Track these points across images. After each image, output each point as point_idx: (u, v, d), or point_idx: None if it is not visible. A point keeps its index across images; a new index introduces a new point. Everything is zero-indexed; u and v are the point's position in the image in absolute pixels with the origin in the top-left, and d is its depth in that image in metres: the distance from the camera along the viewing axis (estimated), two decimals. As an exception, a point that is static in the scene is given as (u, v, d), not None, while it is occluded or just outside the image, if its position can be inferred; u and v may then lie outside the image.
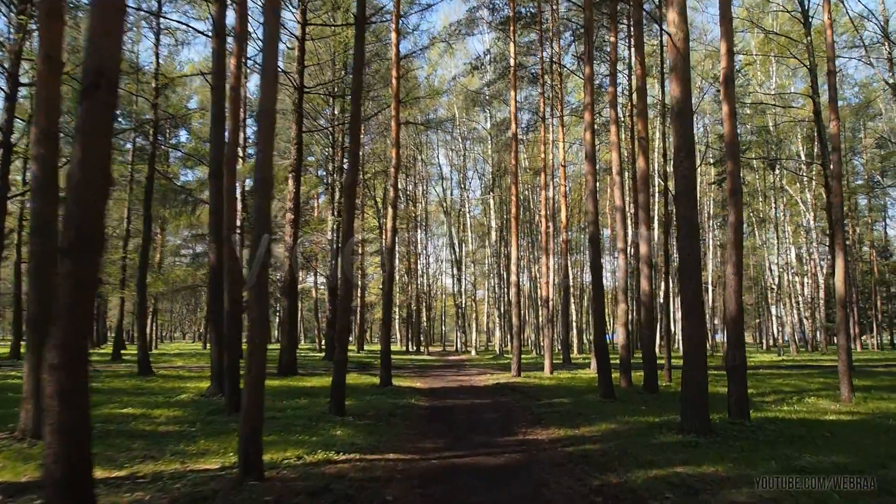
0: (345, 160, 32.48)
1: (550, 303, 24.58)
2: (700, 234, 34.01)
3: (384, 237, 18.53)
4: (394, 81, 18.43)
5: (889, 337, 57.79)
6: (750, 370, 26.63)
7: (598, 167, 24.82)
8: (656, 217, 32.01)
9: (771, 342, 59.15)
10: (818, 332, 46.01)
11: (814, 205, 46.25)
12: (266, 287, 7.11)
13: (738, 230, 10.59)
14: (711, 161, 30.93)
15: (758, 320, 68.18)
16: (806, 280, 46.73)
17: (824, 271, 48.46)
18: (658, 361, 18.44)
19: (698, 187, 29.86)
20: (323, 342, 41.33)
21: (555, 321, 27.88)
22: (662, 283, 29.99)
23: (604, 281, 16.68)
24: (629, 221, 24.36)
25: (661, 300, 30.86)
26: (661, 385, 16.97)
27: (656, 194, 32.97)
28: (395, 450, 8.69)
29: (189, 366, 26.17)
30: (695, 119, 24.30)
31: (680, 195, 9.54)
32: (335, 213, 31.62)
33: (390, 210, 18.12)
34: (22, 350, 22.66)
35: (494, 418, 12.02)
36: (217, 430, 9.82)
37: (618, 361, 17.90)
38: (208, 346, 50.37)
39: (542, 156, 24.82)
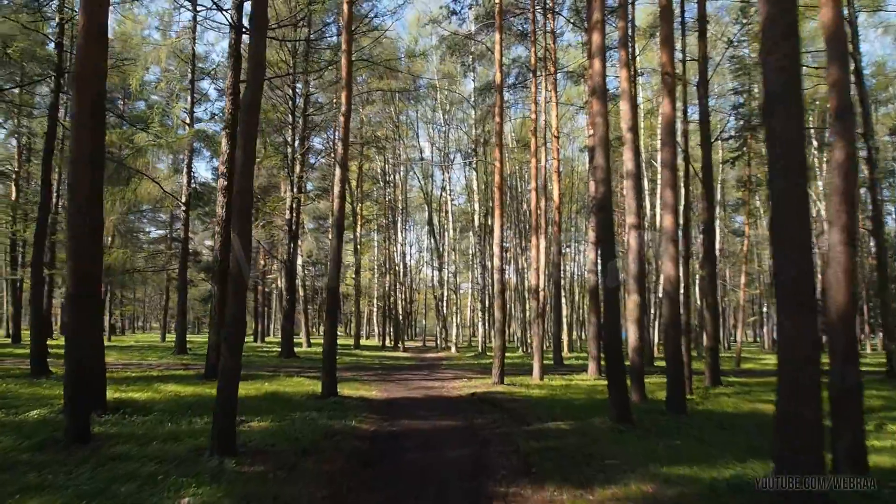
0: (308, 129, 28.44)
1: (541, 294, 20.61)
2: (714, 221, 29.16)
3: (332, 204, 14.51)
4: (345, 7, 14.36)
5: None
6: (774, 376, 22.96)
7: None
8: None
9: (770, 342, 55.76)
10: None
11: (824, 194, 42.63)
12: None
13: (851, 173, 6.62)
14: (725, 136, 27.09)
15: (753, 318, 64.83)
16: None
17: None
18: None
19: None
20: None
21: (545, 316, 23.93)
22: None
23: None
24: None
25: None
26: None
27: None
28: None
29: (117, 363, 22.03)
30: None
31: (774, 99, 5.60)
32: (293, 189, 27.47)
33: (338, 171, 14.03)
34: None
35: (461, 460, 8.03)
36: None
37: (627, 364, 14.01)
38: (167, 337, 46.58)
39: (533, 116, 20.80)
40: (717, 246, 39.17)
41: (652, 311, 33.47)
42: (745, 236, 30.18)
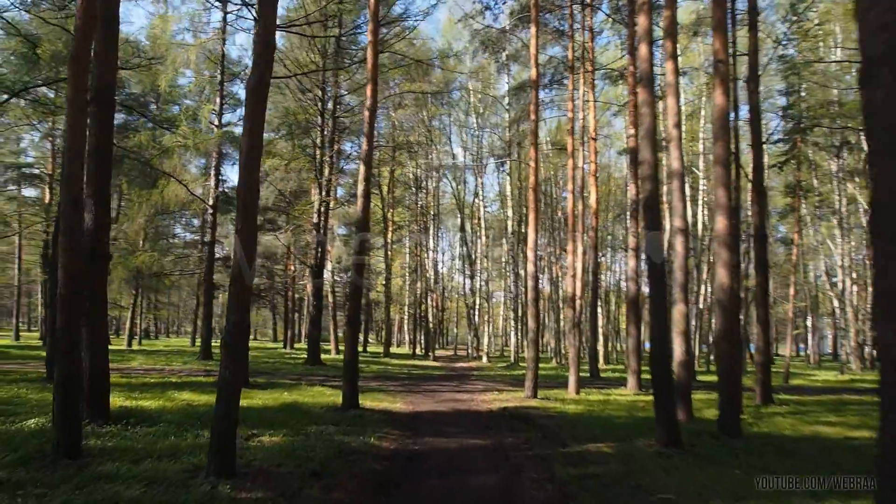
0: (337, 131, 27.80)
1: (577, 302, 19.52)
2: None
3: (357, 206, 13.53)
4: (372, -6, 13.59)
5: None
6: (828, 393, 21.49)
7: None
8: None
9: (816, 357, 53.41)
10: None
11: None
12: None
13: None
14: (773, 139, 25.60)
15: (797, 331, 62.27)
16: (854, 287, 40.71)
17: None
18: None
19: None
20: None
21: (581, 326, 22.76)
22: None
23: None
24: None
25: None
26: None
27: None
28: None
29: (139, 368, 21.59)
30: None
31: (875, 64, 4.57)
32: (321, 192, 26.83)
33: (362, 169, 13.21)
34: None
35: (489, 488, 7.07)
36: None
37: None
38: (197, 342, 46.52)
39: (570, 115, 19.76)
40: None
41: (692, 322, 32.01)
42: (795, 245, 28.62)
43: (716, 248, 10.99)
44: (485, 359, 40.30)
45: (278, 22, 20.06)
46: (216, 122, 27.45)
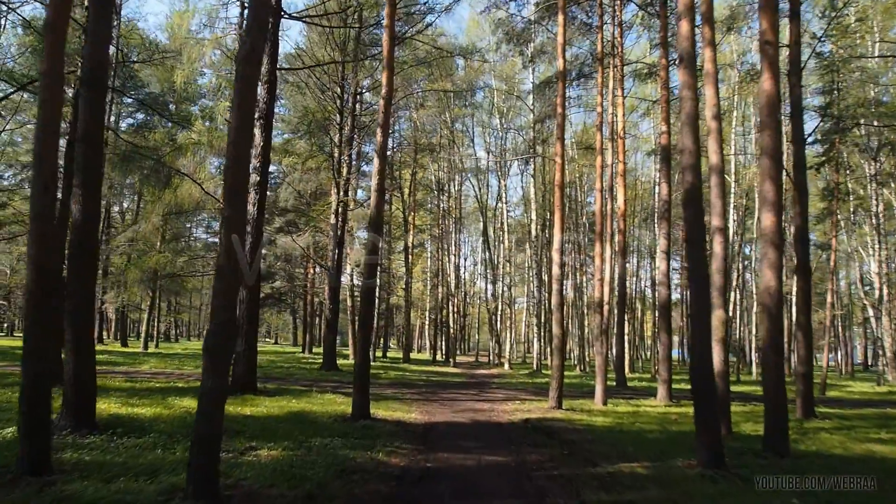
0: (356, 129, 27.06)
1: (605, 308, 18.45)
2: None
3: (371, 202, 12.65)
4: (388, -25, 12.76)
5: None
6: (870, 406, 20.19)
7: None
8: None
9: (848, 367, 51.49)
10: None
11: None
12: None
13: None
14: (813, 138, 24.28)
15: (826, 340, 60.05)
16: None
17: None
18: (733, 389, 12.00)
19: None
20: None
21: (608, 332, 21.66)
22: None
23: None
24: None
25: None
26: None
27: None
28: None
29: (147, 372, 21.00)
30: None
31: None
32: (338, 191, 26.03)
33: (376, 161, 12.34)
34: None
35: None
36: None
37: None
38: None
39: (599, 109, 18.69)
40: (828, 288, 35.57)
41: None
42: (833, 251, 27.23)
43: (762, 247, 9.92)
44: (507, 366, 39.29)
45: (295, 13, 19.38)
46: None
